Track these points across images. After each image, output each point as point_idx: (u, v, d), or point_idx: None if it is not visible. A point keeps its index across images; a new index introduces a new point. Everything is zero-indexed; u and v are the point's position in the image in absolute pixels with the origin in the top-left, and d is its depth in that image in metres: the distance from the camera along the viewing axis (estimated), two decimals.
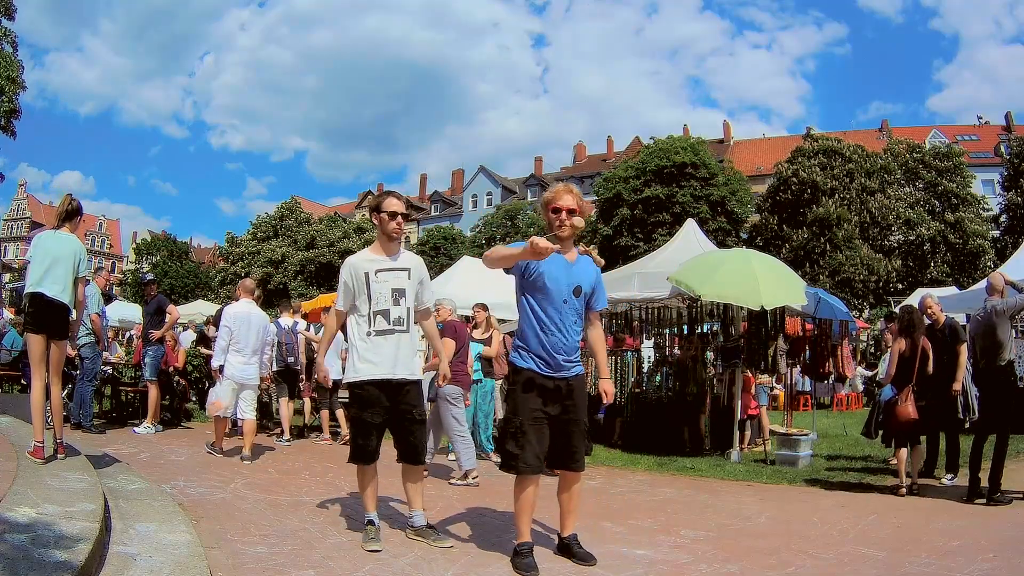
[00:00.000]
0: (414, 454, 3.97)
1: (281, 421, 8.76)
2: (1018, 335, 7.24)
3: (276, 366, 8.70)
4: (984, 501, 5.50)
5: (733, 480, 6.78)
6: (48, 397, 4.81)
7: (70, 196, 5.05)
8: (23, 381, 9.33)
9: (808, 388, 14.30)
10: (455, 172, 64.29)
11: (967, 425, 6.63)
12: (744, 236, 33.23)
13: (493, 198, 55.58)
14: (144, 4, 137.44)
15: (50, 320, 4.70)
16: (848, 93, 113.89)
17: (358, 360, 3.92)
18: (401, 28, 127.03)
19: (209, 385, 9.24)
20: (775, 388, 11.24)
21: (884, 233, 31.86)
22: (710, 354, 9.75)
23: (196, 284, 50.94)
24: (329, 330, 4.39)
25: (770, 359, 8.51)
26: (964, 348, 6.26)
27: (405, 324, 3.95)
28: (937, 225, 30.98)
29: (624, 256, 28.15)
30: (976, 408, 6.45)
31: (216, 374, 7.06)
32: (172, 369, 9.76)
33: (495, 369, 7.95)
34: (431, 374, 5.81)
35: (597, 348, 3.92)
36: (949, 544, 4.26)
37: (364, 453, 3.90)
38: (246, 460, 6.69)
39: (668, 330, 10.75)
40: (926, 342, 6.11)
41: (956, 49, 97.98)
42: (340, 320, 4.17)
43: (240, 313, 7.08)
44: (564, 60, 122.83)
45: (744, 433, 8.78)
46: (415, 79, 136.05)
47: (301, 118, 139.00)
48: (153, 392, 8.53)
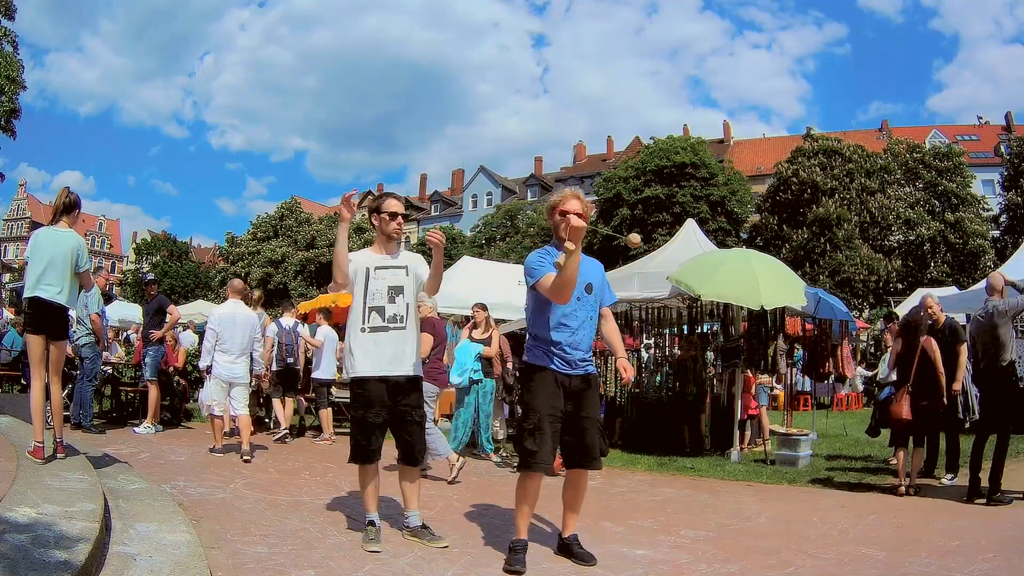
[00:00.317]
0: (411, 455, 3.97)
1: (280, 421, 8.78)
2: (1019, 335, 7.22)
3: (276, 365, 8.77)
4: (984, 501, 5.50)
5: (733, 480, 6.78)
6: (48, 397, 4.81)
7: (67, 189, 5.00)
8: (23, 381, 9.34)
9: (808, 388, 14.31)
10: (455, 172, 64.32)
11: (967, 425, 6.63)
12: (744, 236, 33.23)
13: (493, 198, 55.61)
14: (144, 4, 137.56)
15: (48, 322, 4.70)
16: (848, 93, 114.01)
17: (355, 357, 3.91)
18: (401, 28, 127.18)
19: None
20: (775, 388, 11.24)
21: (884, 233, 31.86)
22: (710, 354, 9.75)
23: (196, 284, 50.96)
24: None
25: (770, 359, 8.52)
26: (964, 348, 6.26)
27: (403, 321, 3.94)
28: (937, 225, 30.98)
29: (624, 256, 28.14)
30: (976, 408, 6.45)
31: (204, 374, 7.24)
32: (172, 369, 9.79)
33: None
34: None
35: (612, 338, 3.93)
36: (949, 544, 4.26)
37: (365, 453, 3.89)
38: (245, 455, 6.70)
39: (668, 330, 10.75)
40: (929, 343, 6.10)
41: (956, 49, 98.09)
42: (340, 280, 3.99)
43: (224, 314, 7.22)
44: (564, 60, 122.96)
45: (744, 433, 8.79)
46: (415, 79, 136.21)
47: (301, 118, 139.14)
48: (153, 392, 8.56)
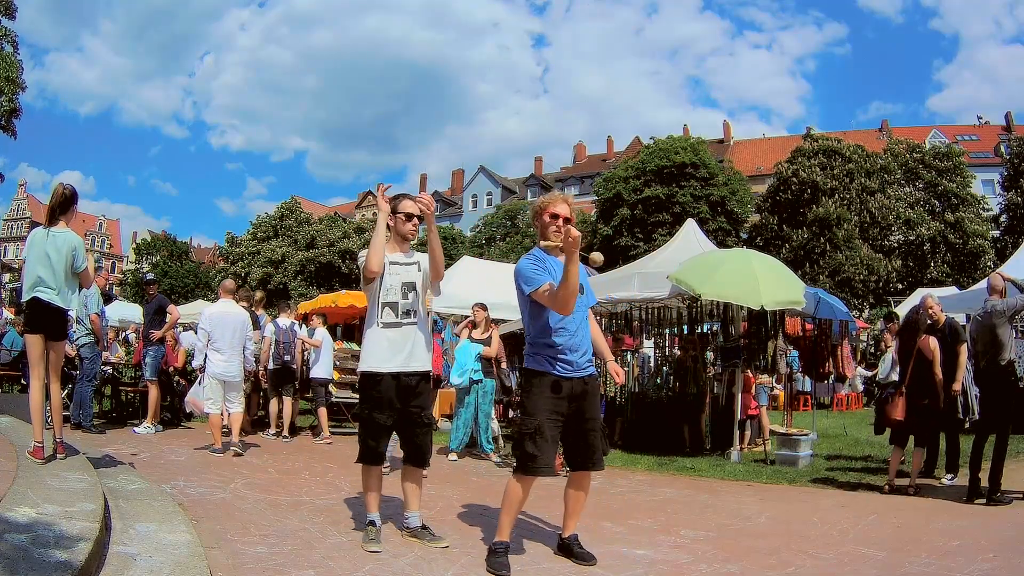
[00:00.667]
0: (420, 457, 3.97)
1: (270, 418, 9.02)
2: (1018, 335, 7.23)
3: (273, 364, 8.86)
4: (984, 501, 5.50)
5: (733, 480, 6.78)
6: (48, 397, 4.80)
7: (62, 185, 4.76)
8: (23, 381, 9.33)
9: (808, 388, 14.31)
10: (455, 172, 64.32)
11: (967, 425, 6.63)
12: (744, 236, 33.24)
13: (493, 198, 55.64)
14: (144, 4, 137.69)
15: (46, 322, 4.69)
16: (848, 93, 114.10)
17: (370, 351, 3.91)
18: (401, 28, 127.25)
19: None
20: (775, 388, 11.24)
21: (884, 233, 31.86)
22: (710, 354, 9.75)
23: (196, 284, 50.93)
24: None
25: (770, 359, 8.52)
26: (964, 348, 6.26)
27: (415, 317, 3.97)
28: (937, 225, 30.99)
29: (624, 256, 28.14)
30: (976, 408, 6.45)
31: (200, 372, 7.44)
32: (172, 369, 9.80)
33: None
34: None
35: (598, 339, 3.94)
36: (949, 544, 4.26)
37: (374, 454, 3.90)
38: (235, 449, 6.86)
39: (668, 330, 10.75)
40: (926, 342, 6.10)
41: (956, 49, 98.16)
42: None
43: (215, 314, 7.43)
44: (564, 60, 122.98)
45: (744, 433, 8.78)
46: (415, 79, 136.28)
47: (301, 118, 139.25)
48: (153, 392, 8.59)
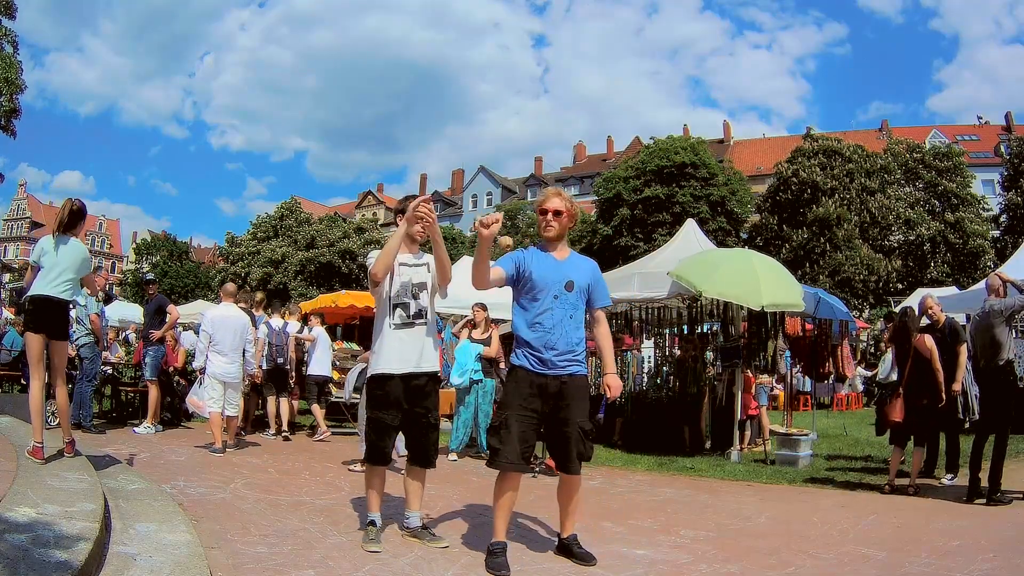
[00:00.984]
0: (425, 457, 3.98)
1: (268, 418, 9.09)
2: (1018, 335, 7.23)
3: (266, 364, 8.92)
4: (984, 501, 5.50)
5: (733, 480, 6.79)
6: (52, 398, 4.81)
7: (71, 200, 4.96)
8: (23, 381, 9.33)
9: (808, 388, 14.32)
10: (455, 172, 64.35)
11: (967, 425, 6.64)
12: (744, 236, 33.22)
13: (493, 198, 55.66)
14: (144, 4, 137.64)
15: (49, 318, 4.69)
16: (848, 93, 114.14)
17: (382, 353, 3.88)
18: (401, 28, 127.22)
19: None
20: (775, 388, 11.25)
21: (884, 233, 31.87)
22: (710, 354, 9.75)
23: (196, 284, 50.94)
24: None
25: (770, 359, 8.52)
26: (964, 348, 6.27)
27: (426, 317, 3.99)
28: (937, 225, 31.00)
29: (624, 256, 28.14)
30: (976, 408, 6.45)
31: (200, 374, 7.57)
32: (172, 369, 9.80)
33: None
34: (361, 366, 6.02)
35: (603, 345, 3.90)
36: (949, 544, 4.26)
37: (382, 455, 3.91)
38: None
39: (668, 330, 10.75)
40: (922, 340, 6.09)
41: (956, 49, 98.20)
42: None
43: (217, 316, 7.61)
44: (564, 60, 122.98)
45: (744, 433, 8.79)
46: (415, 79, 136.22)
47: (301, 118, 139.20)
48: (153, 392, 8.59)
